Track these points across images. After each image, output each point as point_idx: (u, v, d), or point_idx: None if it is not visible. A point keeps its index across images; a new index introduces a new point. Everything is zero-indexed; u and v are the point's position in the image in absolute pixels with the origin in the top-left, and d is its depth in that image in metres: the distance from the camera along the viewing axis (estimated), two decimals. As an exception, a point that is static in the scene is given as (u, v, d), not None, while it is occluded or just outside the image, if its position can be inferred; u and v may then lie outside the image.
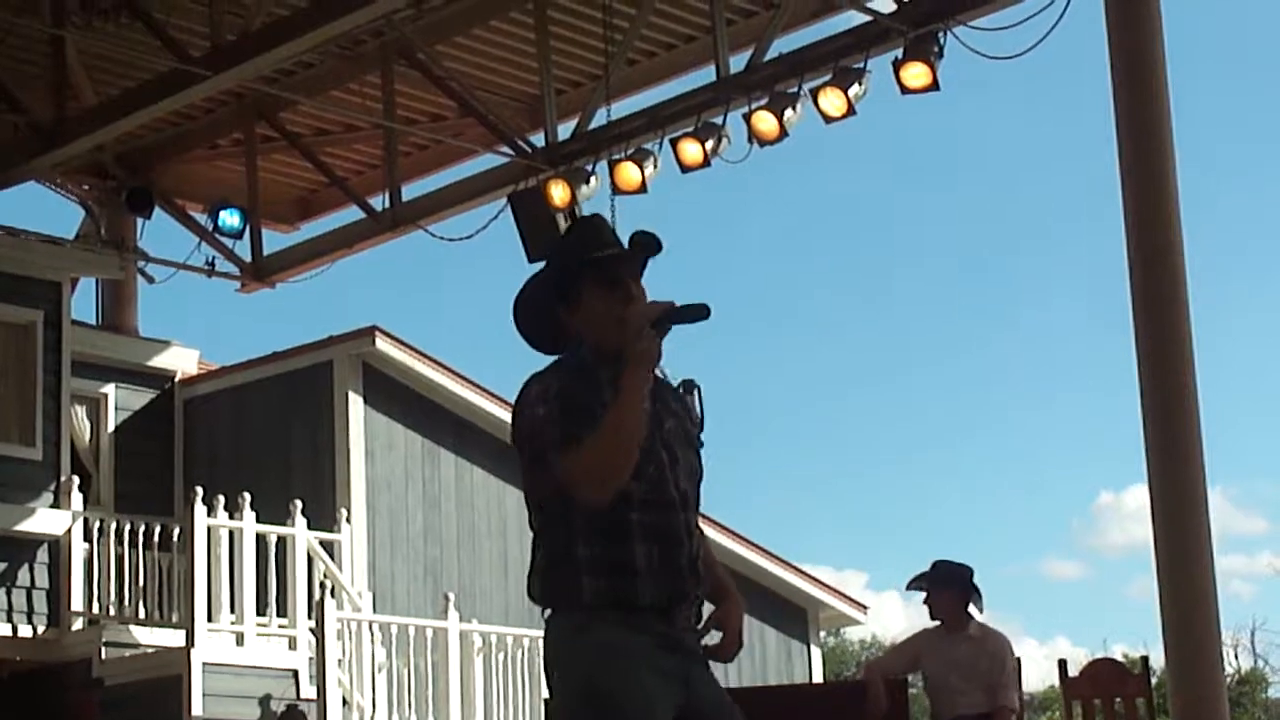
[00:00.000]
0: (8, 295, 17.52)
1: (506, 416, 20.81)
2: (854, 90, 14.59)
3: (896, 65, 14.28)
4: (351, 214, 18.87)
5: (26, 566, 17.36)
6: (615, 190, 15.73)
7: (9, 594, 17.21)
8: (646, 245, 5.09)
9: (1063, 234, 67.59)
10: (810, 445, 66.55)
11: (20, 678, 15.76)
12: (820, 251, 69.34)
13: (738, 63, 15.49)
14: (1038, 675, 44.81)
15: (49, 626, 17.36)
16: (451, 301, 62.56)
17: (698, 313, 4.98)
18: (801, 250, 68.77)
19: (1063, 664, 12.32)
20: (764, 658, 22.73)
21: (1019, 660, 11.06)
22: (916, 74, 14.25)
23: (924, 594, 10.95)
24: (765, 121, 14.94)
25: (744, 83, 15.32)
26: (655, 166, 15.67)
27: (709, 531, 21.63)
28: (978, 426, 65.11)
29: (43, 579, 17.44)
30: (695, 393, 16.09)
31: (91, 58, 16.78)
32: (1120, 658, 22.39)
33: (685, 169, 15.44)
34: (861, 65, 14.65)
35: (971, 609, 10.92)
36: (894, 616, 64.50)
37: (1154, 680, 12.63)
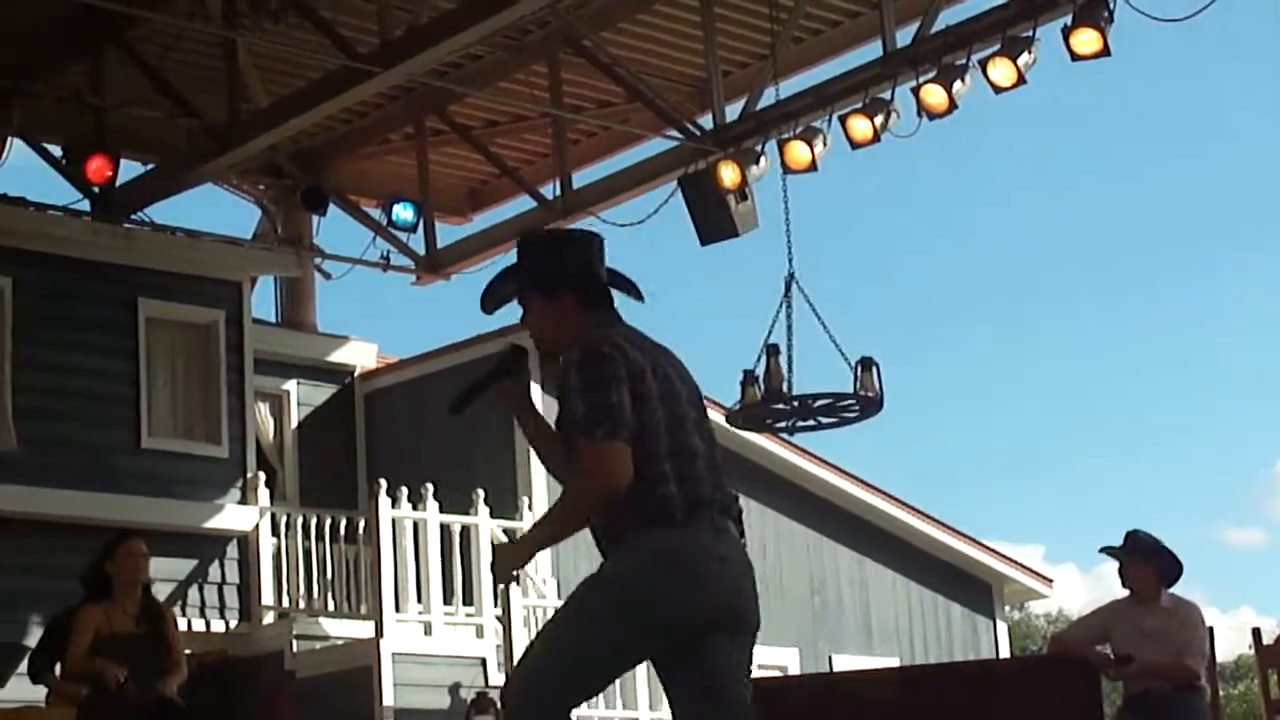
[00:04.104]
0: (189, 296, 17.78)
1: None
2: (1023, 59, 14.43)
3: (1066, 32, 14.12)
4: (523, 203, 18.98)
5: (217, 562, 17.62)
6: (786, 169, 15.68)
7: (201, 590, 17.47)
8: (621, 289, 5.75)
9: (1240, 198, 66.60)
10: (984, 419, 66.13)
11: (214, 671, 15.96)
12: (992, 222, 68.78)
13: (904, 36, 15.38)
14: (1225, 645, 44.28)
15: (241, 621, 17.62)
16: (624, 287, 62.57)
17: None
18: (975, 221, 68.27)
19: (1256, 632, 12.12)
20: (949, 633, 22.60)
21: (1211, 629, 10.92)
22: (1086, 40, 14.06)
23: (1117, 563, 10.85)
24: (934, 95, 14.82)
25: (911, 56, 15.21)
26: (825, 144, 15.59)
27: (885, 506, 21.64)
28: (1151, 395, 64.40)
29: (233, 574, 17.70)
30: (874, 370, 16.00)
31: (262, 59, 16.98)
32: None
33: (855, 146, 15.35)
34: (1030, 33, 14.49)
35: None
36: (1074, 589, 63.94)
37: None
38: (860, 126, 15.27)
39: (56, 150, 17.12)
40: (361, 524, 17.61)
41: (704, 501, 5.27)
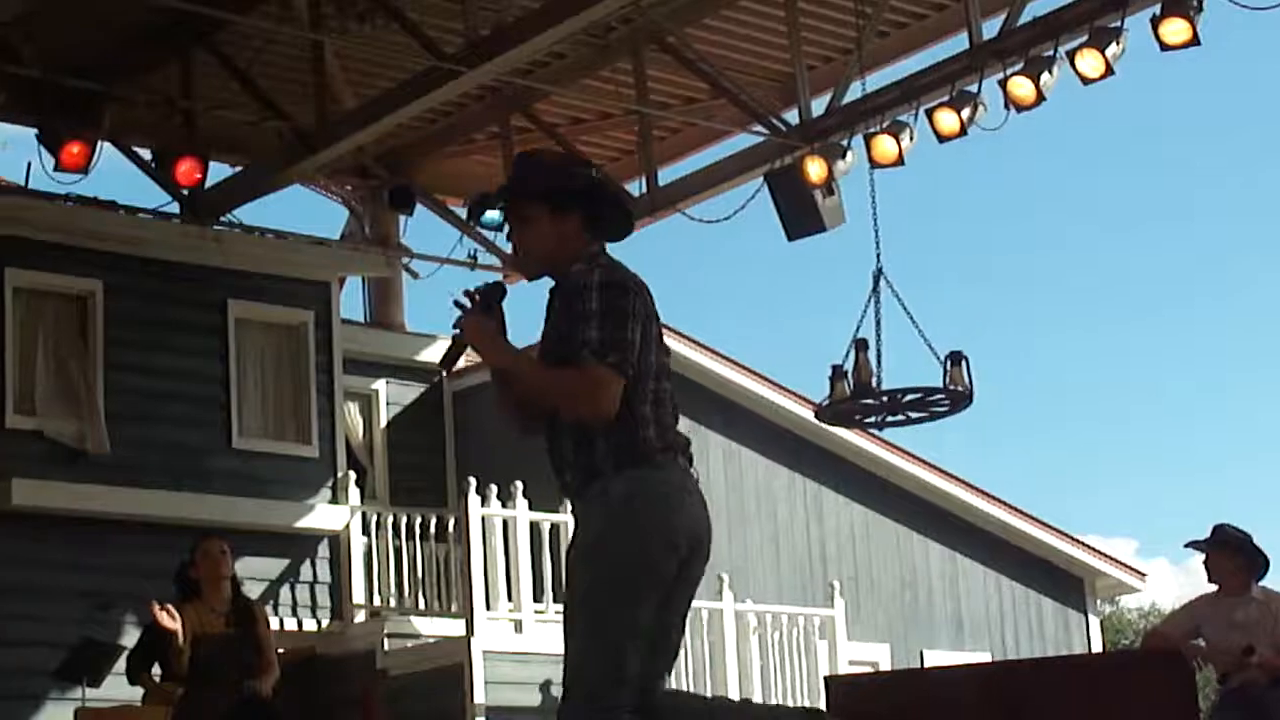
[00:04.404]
0: (279, 297, 17.89)
1: (773, 397, 20.87)
2: (1112, 50, 14.34)
3: (1155, 22, 14.01)
4: (609, 201, 18.93)
5: (309, 562, 17.72)
6: (872, 164, 15.63)
7: (293, 589, 17.57)
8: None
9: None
10: (1075, 410, 65.70)
11: (303, 669, 16.05)
12: (1083, 215, 68.37)
13: (990, 28, 15.31)
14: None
15: (332, 619, 17.71)
16: (712, 283, 62.69)
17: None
18: (1065, 214, 67.88)
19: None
20: (1041, 628, 22.49)
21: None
22: (1176, 30, 13.96)
23: (1203, 556, 10.79)
24: (1022, 87, 14.75)
25: (998, 48, 15.14)
26: (911, 138, 15.54)
27: (976, 501, 21.49)
28: (1244, 389, 63.78)
29: (324, 573, 17.79)
30: (964, 364, 15.93)
31: (349, 60, 17.05)
32: None
33: (942, 139, 15.29)
34: (1118, 24, 14.40)
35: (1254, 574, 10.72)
36: (1166, 584, 63.43)
37: None
38: (947, 120, 15.21)
39: (146, 154, 17.24)
40: (451, 522, 17.67)
41: (673, 443, 5.47)
